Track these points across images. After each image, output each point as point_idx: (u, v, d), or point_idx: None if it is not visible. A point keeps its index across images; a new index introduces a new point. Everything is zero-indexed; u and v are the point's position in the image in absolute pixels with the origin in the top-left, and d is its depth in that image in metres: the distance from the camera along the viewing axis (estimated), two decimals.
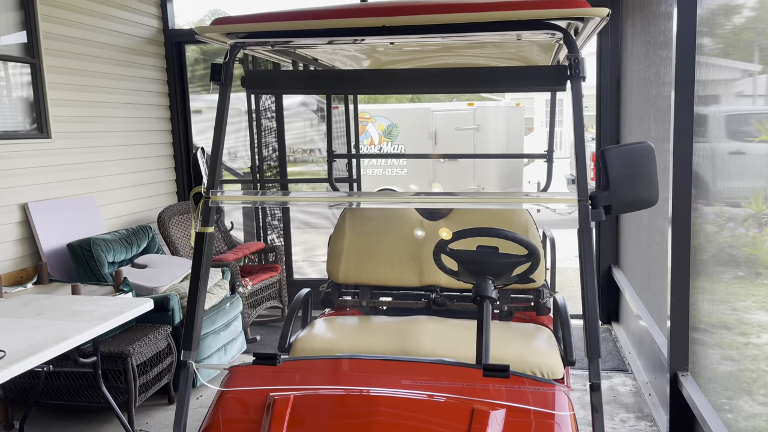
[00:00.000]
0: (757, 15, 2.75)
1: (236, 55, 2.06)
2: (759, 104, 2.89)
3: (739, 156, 2.97)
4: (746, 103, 2.98)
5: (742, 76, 2.90)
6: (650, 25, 4.14)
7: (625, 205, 1.87)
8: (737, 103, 2.98)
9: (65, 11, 4.73)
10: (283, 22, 1.93)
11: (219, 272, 4.85)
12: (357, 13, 1.85)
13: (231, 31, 1.98)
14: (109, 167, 5.18)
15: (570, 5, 1.80)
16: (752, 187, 2.84)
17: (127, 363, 3.67)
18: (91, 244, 4.38)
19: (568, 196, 1.86)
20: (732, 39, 2.90)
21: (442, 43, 2.93)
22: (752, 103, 2.92)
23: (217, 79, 2.02)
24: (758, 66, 2.77)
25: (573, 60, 1.85)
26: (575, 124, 1.87)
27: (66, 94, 4.75)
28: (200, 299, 1.99)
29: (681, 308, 3.33)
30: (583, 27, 1.96)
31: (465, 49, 3.12)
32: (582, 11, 1.80)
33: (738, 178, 2.92)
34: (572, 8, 1.80)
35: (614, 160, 1.84)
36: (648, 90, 4.22)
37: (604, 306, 5.68)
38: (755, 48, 2.78)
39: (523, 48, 3.16)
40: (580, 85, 1.87)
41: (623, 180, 1.84)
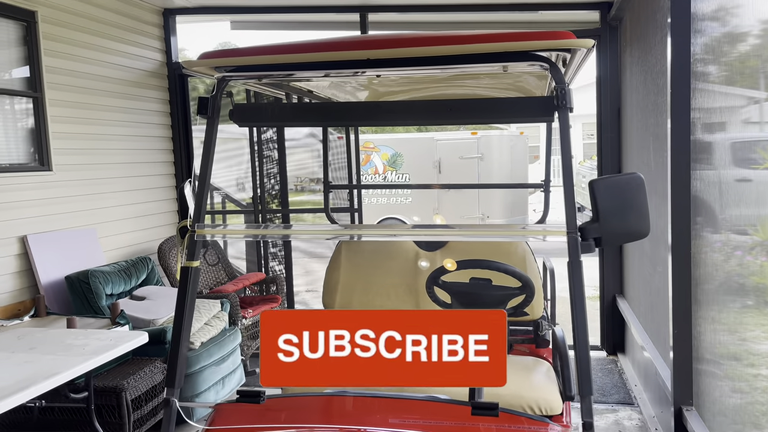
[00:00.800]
0: (762, 42, 2.70)
1: (223, 89, 2.06)
2: (766, 131, 2.83)
3: (746, 183, 2.91)
4: (753, 130, 2.94)
5: (748, 103, 2.87)
6: (647, 54, 4.14)
7: (615, 237, 1.83)
8: (744, 131, 2.94)
9: (68, 46, 4.80)
10: (268, 56, 1.93)
11: (218, 303, 4.81)
12: (341, 47, 1.85)
13: (217, 65, 1.99)
14: (110, 199, 5.20)
15: (555, 37, 1.80)
16: (759, 214, 2.79)
17: (121, 398, 3.62)
18: (89, 277, 4.36)
19: (558, 227, 1.82)
20: (738, 66, 2.87)
21: (437, 75, 2.94)
22: (759, 131, 2.87)
23: (204, 112, 2.01)
24: (764, 93, 2.71)
25: (559, 91, 1.84)
26: (563, 155, 1.85)
27: (68, 127, 4.79)
28: (184, 335, 1.95)
29: (684, 340, 3.26)
30: (570, 58, 1.95)
31: (461, 79, 3.13)
32: (567, 42, 1.79)
33: (745, 206, 2.86)
34: (557, 40, 1.79)
35: (603, 192, 1.81)
36: (647, 118, 4.20)
37: (609, 337, 5.59)
38: (761, 75, 2.73)
39: (519, 78, 3.16)
40: (567, 116, 1.85)
41: (613, 211, 1.81)
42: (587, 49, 1.84)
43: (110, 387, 3.62)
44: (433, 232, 1.95)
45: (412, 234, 1.94)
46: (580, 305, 1.81)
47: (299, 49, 1.89)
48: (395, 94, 3.65)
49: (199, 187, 2.01)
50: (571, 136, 1.86)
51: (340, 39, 1.92)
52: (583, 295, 1.82)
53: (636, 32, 4.62)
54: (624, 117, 5.32)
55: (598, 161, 5.71)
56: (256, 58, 1.93)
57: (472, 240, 3.17)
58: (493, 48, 1.81)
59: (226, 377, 4.61)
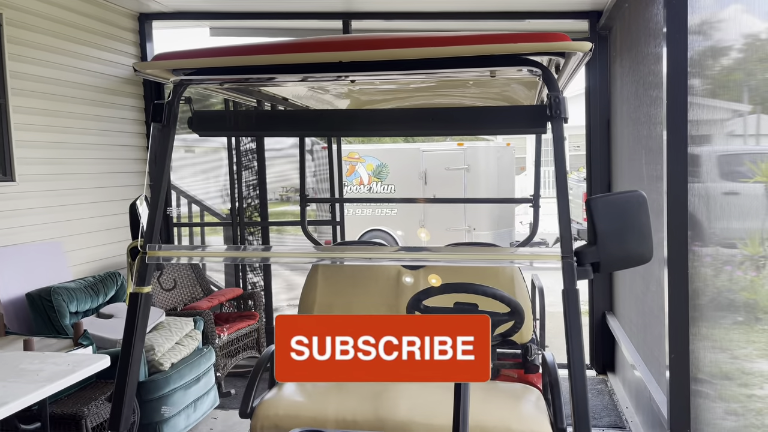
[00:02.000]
0: (745, 56, 2.78)
1: (181, 94, 1.85)
2: (750, 144, 2.90)
3: (734, 196, 2.92)
4: (737, 143, 2.98)
5: (732, 116, 2.93)
6: (639, 65, 4.00)
7: (615, 262, 1.65)
8: (729, 143, 3.00)
9: (35, 50, 4.57)
10: (229, 58, 1.73)
11: (191, 322, 4.58)
12: (309, 48, 1.66)
13: (172, 67, 1.78)
14: (79, 211, 4.95)
15: (549, 39, 1.62)
16: (748, 228, 2.74)
17: (81, 426, 3.37)
18: (52, 294, 4.11)
19: (551, 252, 1.63)
20: (721, 80, 2.91)
21: (419, 82, 2.75)
22: (743, 143, 2.93)
23: (159, 120, 1.81)
24: (748, 106, 2.79)
25: (553, 99, 1.65)
26: (557, 171, 1.66)
27: (33, 135, 4.55)
28: (132, 371, 1.73)
29: (681, 365, 3.09)
30: (564, 63, 1.77)
31: (445, 88, 2.94)
32: (562, 45, 1.61)
33: (733, 219, 2.86)
34: (551, 42, 1.61)
35: (602, 212, 1.62)
36: (639, 130, 4.05)
37: (599, 355, 5.41)
38: (744, 88, 2.80)
39: (507, 87, 2.98)
40: (561, 127, 1.67)
41: (612, 234, 1.62)
42: (583, 54, 1.66)
43: (69, 414, 3.37)
44: (416, 256, 1.77)
45: (392, 257, 1.77)
46: (577, 336, 1.63)
47: (263, 51, 1.70)
48: (377, 103, 3.46)
49: (152, 204, 1.80)
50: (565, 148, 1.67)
51: (309, 40, 1.72)
52: (580, 326, 1.63)
53: (627, 42, 4.48)
54: (614, 128, 5.18)
55: (587, 173, 5.56)
56: (216, 60, 1.73)
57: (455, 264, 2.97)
58: (480, 51, 1.62)
59: (198, 400, 4.37)
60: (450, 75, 1.81)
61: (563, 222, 1.64)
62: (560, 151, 1.66)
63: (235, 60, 1.72)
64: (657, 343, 3.62)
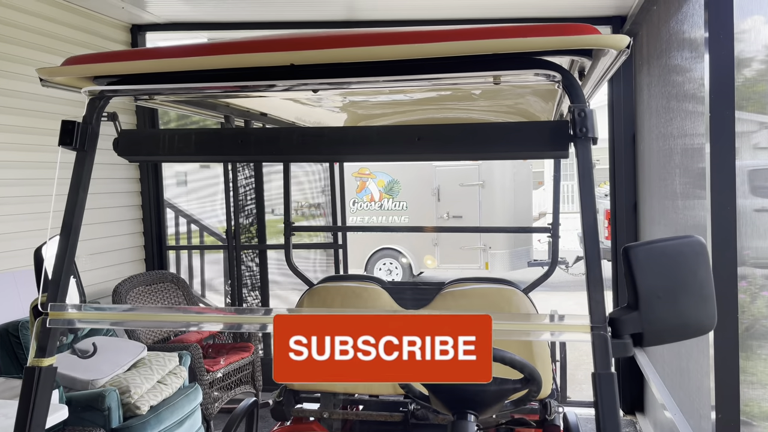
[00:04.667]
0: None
1: (101, 109, 1.46)
2: None
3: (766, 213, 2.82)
4: (764, 156, 2.93)
5: (759, 128, 2.89)
6: (671, 73, 3.58)
7: (663, 333, 1.22)
8: (757, 157, 2.94)
9: (16, 64, 4.25)
10: (157, 61, 1.33)
11: (176, 357, 4.18)
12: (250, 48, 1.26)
13: (84, 74, 1.39)
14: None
15: (572, 32, 1.20)
16: None
17: None
18: (20, 329, 3.74)
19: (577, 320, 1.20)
20: (745, 91, 2.82)
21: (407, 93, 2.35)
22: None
23: (69, 143, 1.41)
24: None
25: (577, 113, 1.24)
26: (583, 211, 1.24)
27: (9, 155, 4.22)
28: None
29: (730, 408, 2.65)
30: (591, 66, 1.35)
31: (441, 101, 2.54)
32: (590, 41, 1.19)
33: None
34: (575, 36, 1.19)
35: (645, 265, 1.19)
36: (671, 145, 3.62)
37: (626, 393, 4.92)
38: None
39: (519, 100, 2.57)
40: (588, 150, 1.25)
41: (660, 295, 1.19)
42: (618, 52, 1.24)
43: None
44: (410, 314, 1.39)
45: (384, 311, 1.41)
46: None
47: (195, 52, 1.30)
48: (371, 118, 3.07)
49: (60, 251, 1.40)
50: (593, 175, 1.24)
51: (253, 38, 1.32)
52: (618, 422, 1.19)
53: (656, 49, 4.05)
54: (640, 143, 4.74)
55: (610, 191, 5.10)
56: (139, 64, 1.34)
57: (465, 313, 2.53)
58: (478, 49, 1.21)
59: None
60: (438, 83, 1.40)
61: (593, 278, 1.21)
62: (587, 180, 1.23)
63: (162, 65, 1.33)
64: (696, 388, 3.16)
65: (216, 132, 1.49)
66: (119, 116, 1.54)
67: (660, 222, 4.04)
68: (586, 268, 1.20)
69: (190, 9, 5.25)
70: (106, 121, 1.52)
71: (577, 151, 1.24)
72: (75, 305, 1.43)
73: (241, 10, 5.14)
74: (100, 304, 4.18)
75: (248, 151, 1.47)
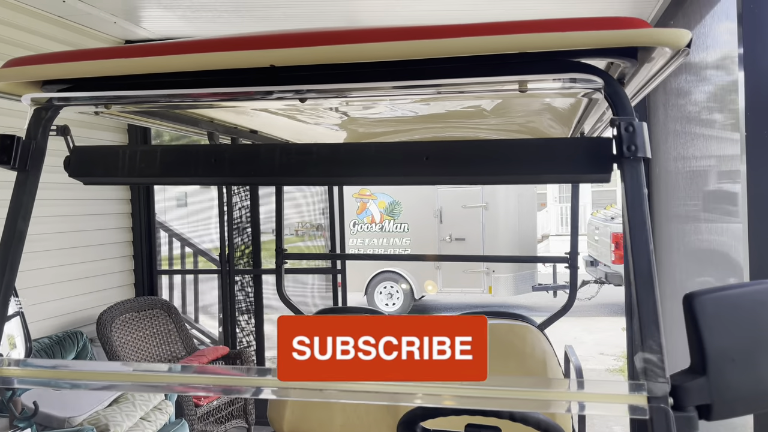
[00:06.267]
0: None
1: (49, 121, 1.23)
2: None
3: None
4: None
5: None
6: (690, 95, 3.37)
7: (737, 404, 0.97)
8: None
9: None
10: (116, 61, 1.10)
11: None
12: (226, 45, 1.02)
13: (27, 78, 1.16)
14: (41, 259, 4.35)
15: (617, 25, 0.96)
16: None
17: None
18: None
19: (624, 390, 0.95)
20: None
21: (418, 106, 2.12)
22: None
23: (6, 161, 1.18)
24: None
25: (624, 128, 1.00)
26: (634, 247, 0.99)
27: None
28: None
29: None
30: (634, 69, 1.11)
31: (452, 118, 2.31)
32: (642, 35, 0.95)
33: None
34: (623, 30, 0.95)
35: (714, 318, 0.94)
36: (691, 165, 3.40)
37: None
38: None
39: (532, 117, 2.34)
40: (639, 173, 1.00)
41: (734, 356, 0.94)
42: (673, 53, 1.00)
43: None
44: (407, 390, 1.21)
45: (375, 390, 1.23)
46: None
47: (153, 51, 1.06)
48: (376, 137, 2.83)
49: None
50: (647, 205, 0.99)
51: (226, 36, 1.09)
52: None
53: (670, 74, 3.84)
54: (655, 165, 4.51)
55: (623, 214, 4.85)
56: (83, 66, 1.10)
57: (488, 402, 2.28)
58: (504, 45, 0.97)
59: None
60: (450, 90, 1.15)
61: (649, 333, 0.95)
62: (638, 214, 0.99)
63: (119, 66, 1.09)
64: None
65: (185, 149, 1.26)
66: (111, 135, 1.30)
67: (679, 248, 3.80)
68: (640, 323, 0.95)
69: (185, 24, 5.06)
70: (55, 136, 1.28)
71: (624, 175, 1.00)
72: (16, 360, 1.18)
73: (236, 25, 4.95)
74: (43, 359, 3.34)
75: (223, 171, 1.23)
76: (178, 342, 4.92)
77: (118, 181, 1.27)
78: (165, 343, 4.80)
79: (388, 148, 1.23)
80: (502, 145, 1.16)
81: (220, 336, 6.10)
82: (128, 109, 1.51)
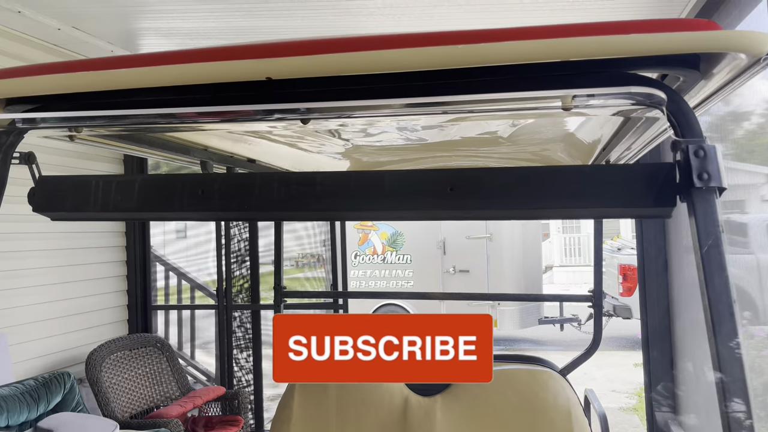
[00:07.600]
0: None
1: (12, 146, 1.06)
2: None
3: None
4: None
5: (766, 180, 2.91)
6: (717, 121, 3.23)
7: None
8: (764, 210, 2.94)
9: None
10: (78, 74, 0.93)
11: None
12: (217, 55, 0.85)
13: None
14: (29, 295, 4.15)
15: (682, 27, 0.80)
16: None
17: None
18: None
19: None
20: (745, 144, 2.89)
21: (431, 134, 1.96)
22: None
23: None
24: None
25: (694, 152, 0.82)
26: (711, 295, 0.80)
27: None
28: None
29: None
30: (696, 82, 0.94)
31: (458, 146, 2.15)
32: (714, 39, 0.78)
33: None
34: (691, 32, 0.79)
35: None
36: None
37: None
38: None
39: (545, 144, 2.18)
40: (713, 206, 0.83)
41: None
42: (750, 62, 0.83)
43: None
44: None
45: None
46: None
47: (133, 63, 0.90)
48: (383, 165, 2.68)
49: None
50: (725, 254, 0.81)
51: (217, 47, 0.92)
52: None
53: None
54: None
55: (637, 245, 4.66)
56: (60, 79, 0.94)
57: None
58: (544, 52, 0.80)
59: None
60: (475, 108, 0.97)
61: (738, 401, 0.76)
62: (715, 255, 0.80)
63: (93, 80, 0.92)
64: None
65: (168, 179, 1.08)
66: (105, 166, 1.13)
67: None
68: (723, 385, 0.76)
69: None
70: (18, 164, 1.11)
71: (695, 208, 0.82)
72: None
73: None
74: None
75: (212, 205, 1.05)
76: (172, 382, 4.69)
77: (91, 216, 1.09)
78: (158, 383, 4.56)
79: (404, 177, 1.05)
80: (543, 172, 0.98)
81: (217, 374, 5.86)
82: (106, 133, 1.34)
